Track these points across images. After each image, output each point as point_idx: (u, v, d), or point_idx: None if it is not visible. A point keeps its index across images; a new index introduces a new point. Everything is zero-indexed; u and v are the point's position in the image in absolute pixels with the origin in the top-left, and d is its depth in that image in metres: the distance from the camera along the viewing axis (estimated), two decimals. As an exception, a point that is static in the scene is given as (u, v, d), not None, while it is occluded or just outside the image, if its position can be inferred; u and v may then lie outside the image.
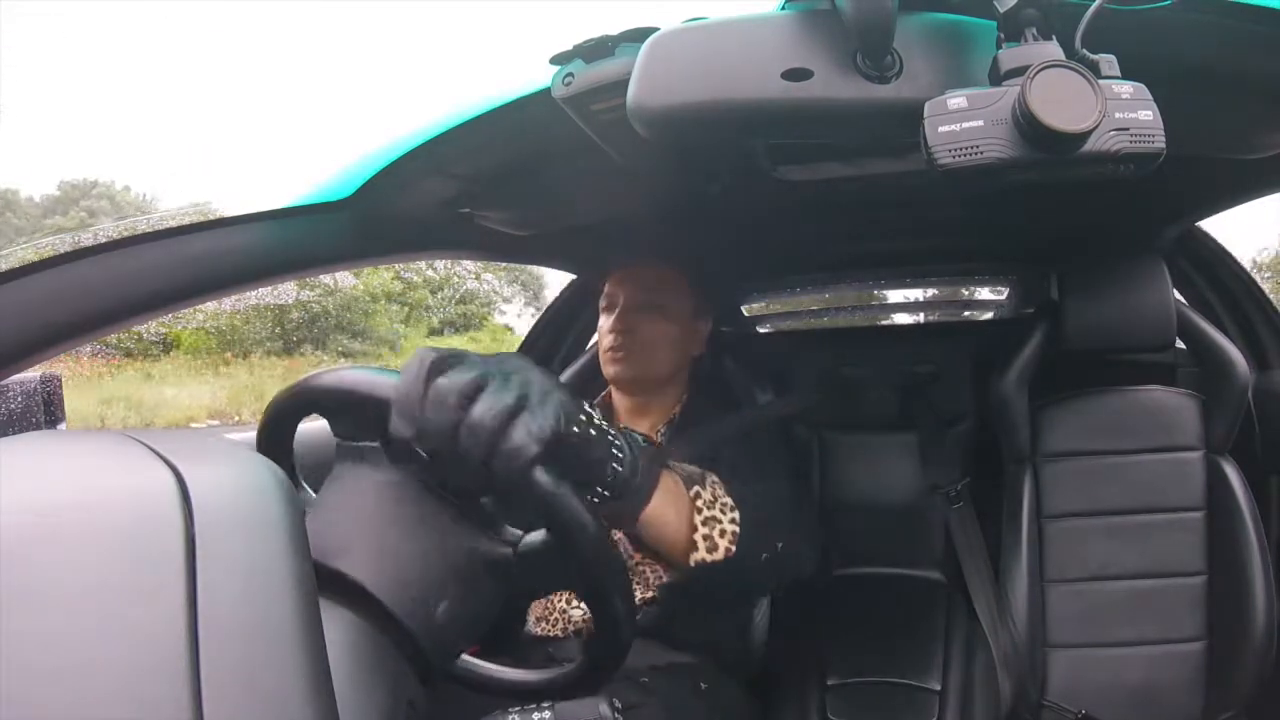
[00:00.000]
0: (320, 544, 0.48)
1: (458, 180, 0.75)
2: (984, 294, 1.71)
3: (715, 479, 0.73)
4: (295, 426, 0.60)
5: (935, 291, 1.77)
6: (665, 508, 0.66)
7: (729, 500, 0.71)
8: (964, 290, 1.81)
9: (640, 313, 0.96)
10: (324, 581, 0.47)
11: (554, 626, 0.90)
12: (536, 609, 0.92)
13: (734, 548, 0.70)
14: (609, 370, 0.97)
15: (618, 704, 0.50)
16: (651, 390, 0.99)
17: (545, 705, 0.50)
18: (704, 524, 0.69)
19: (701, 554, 0.68)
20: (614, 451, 0.52)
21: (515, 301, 14.58)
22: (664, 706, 0.79)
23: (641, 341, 0.96)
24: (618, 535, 0.91)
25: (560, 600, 0.90)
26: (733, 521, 0.70)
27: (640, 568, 0.92)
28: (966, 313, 1.72)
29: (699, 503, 0.69)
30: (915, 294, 1.80)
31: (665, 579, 0.89)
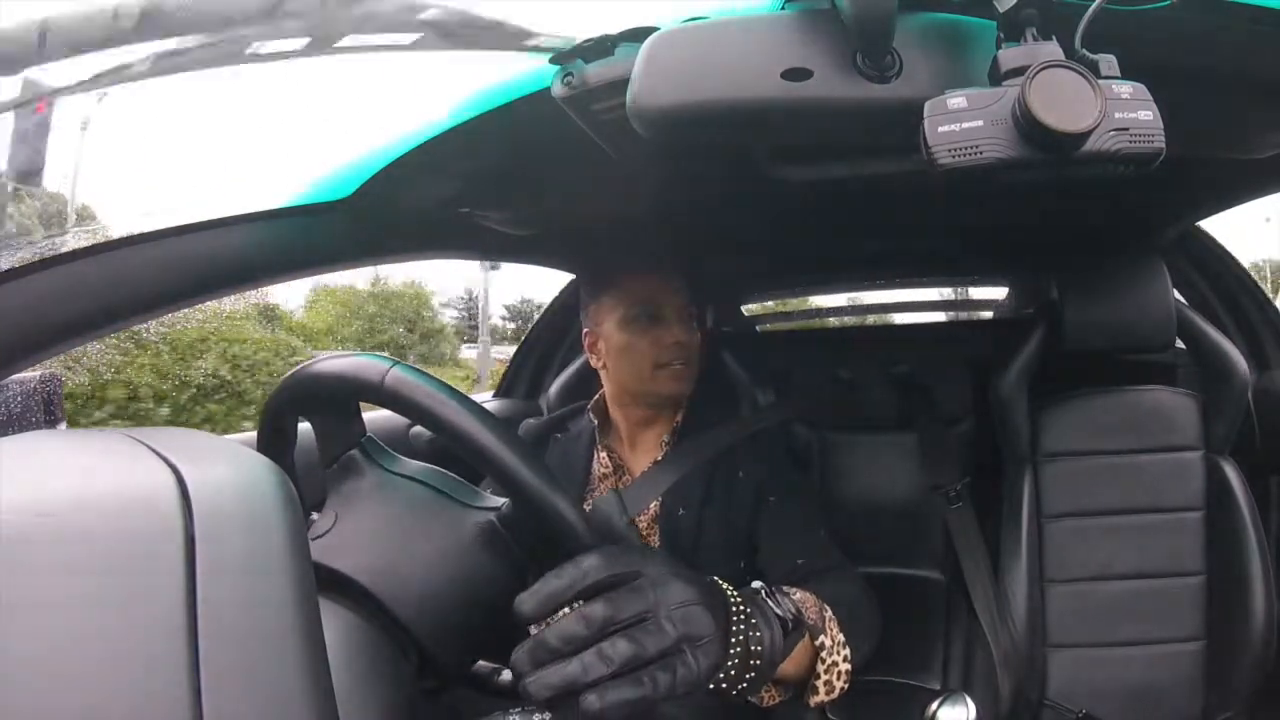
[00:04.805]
0: (336, 558, 0.49)
1: (458, 180, 0.75)
2: (984, 294, 1.71)
3: (830, 614, 0.69)
4: (295, 423, 0.60)
5: (935, 292, 1.77)
6: (789, 667, 0.63)
7: (843, 637, 0.68)
8: (964, 290, 1.81)
9: (689, 323, 0.92)
10: (348, 598, 0.48)
11: None
12: None
13: (847, 686, 0.68)
14: (672, 388, 0.90)
15: None
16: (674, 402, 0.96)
17: None
18: (825, 671, 0.66)
19: (820, 697, 0.67)
20: (754, 649, 0.51)
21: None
22: (664, 708, 0.78)
23: (695, 354, 0.92)
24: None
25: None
26: (846, 660, 0.68)
27: None
28: (966, 313, 1.72)
29: (822, 653, 0.66)
30: (915, 294, 1.80)
31: None
